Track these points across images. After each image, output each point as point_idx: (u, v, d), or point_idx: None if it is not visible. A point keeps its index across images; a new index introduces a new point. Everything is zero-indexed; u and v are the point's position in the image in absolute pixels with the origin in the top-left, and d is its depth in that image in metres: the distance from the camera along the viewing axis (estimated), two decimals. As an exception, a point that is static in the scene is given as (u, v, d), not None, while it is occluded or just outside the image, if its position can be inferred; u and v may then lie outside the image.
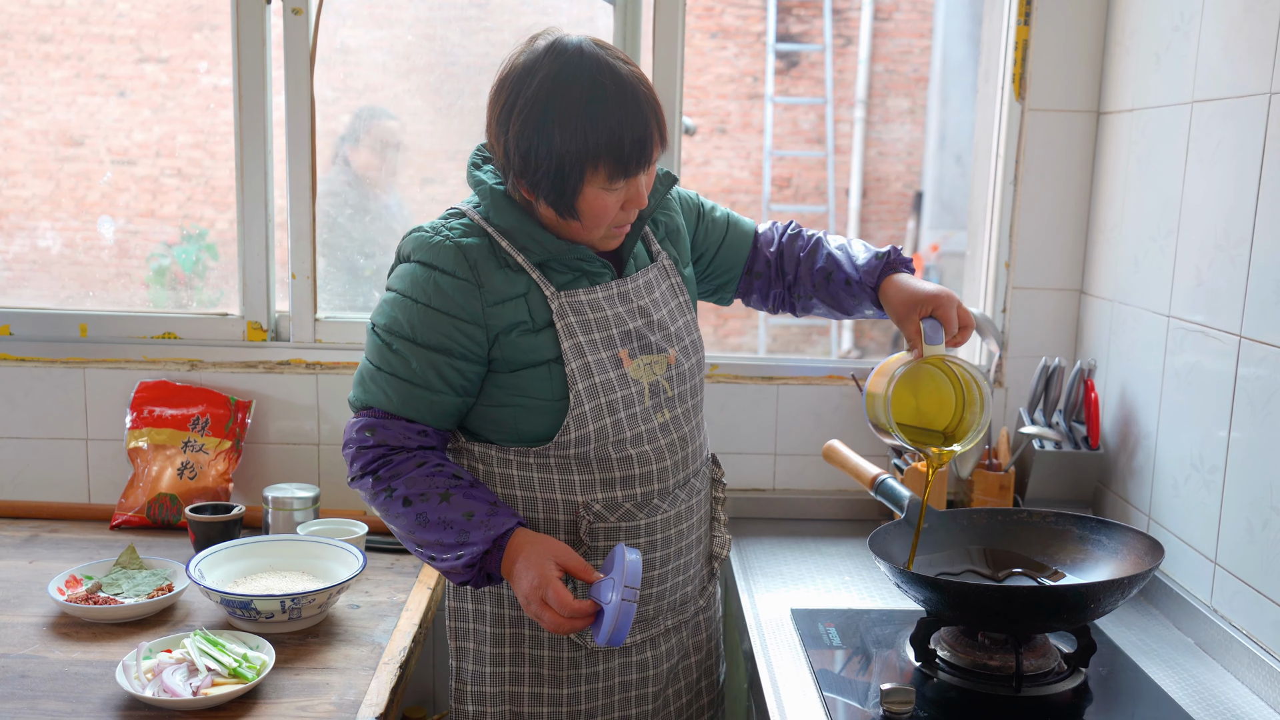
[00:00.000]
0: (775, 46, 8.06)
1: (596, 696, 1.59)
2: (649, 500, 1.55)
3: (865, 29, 8.15)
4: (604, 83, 1.40)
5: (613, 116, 1.39)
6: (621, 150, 1.40)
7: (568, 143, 1.39)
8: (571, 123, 1.38)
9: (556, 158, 1.40)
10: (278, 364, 2.25)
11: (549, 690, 1.57)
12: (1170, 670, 1.62)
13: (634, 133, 1.41)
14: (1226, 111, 1.70)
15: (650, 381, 1.54)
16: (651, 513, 1.55)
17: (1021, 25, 2.15)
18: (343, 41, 2.47)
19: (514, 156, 1.43)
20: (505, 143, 1.43)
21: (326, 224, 2.41)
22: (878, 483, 1.76)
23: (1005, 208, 2.22)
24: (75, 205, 5.40)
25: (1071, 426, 2.09)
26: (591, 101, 1.39)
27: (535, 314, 1.48)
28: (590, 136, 1.39)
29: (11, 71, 5.42)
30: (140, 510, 2.14)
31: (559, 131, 1.39)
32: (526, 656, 1.57)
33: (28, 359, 2.23)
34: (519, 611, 1.56)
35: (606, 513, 1.53)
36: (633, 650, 1.59)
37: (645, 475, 1.54)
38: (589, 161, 1.40)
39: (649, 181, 1.50)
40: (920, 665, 1.58)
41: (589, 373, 1.49)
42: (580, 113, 1.38)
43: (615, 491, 1.53)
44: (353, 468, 1.51)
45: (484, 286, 1.47)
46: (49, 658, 1.60)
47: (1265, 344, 1.58)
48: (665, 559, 1.58)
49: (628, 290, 1.56)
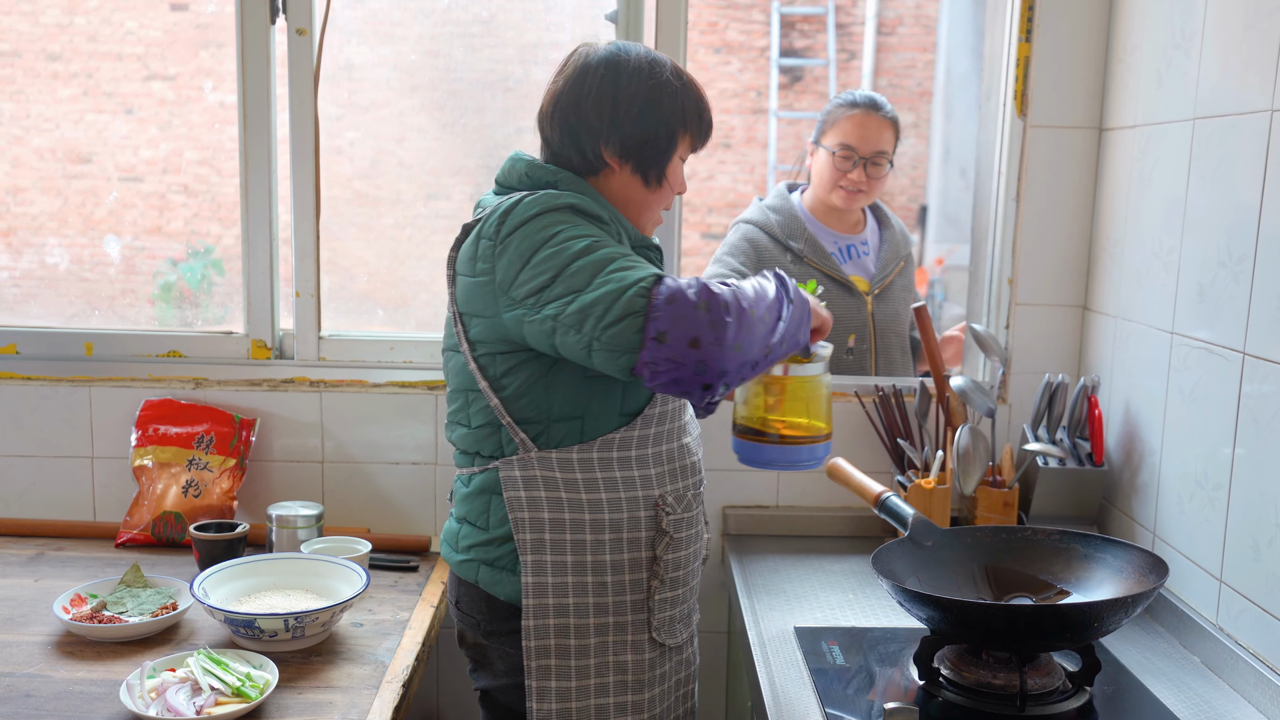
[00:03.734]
0: (779, 61, 8.08)
1: (665, 699, 1.65)
2: (698, 488, 1.67)
3: (869, 43, 8.17)
4: (678, 69, 1.63)
5: (696, 92, 1.64)
6: (702, 120, 1.64)
7: (671, 109, 1.59)
8: (673, 93, 1.59)
9: (662, 121, 1.58)
10: (282, 382, 2.26)
11: (632, 697, 1.60)
12: (1176, 689, 1.62)
13: (708, 110, 1.66)
14: (1228, 128, 1.71)
15: None
16: (696, 501, 1.66)
17: (1023, 42, 2.15)
18: (347, 59, 2.49)
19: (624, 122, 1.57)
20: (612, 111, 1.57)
21: (330, 241, 2.42)
22: (881, 500, 1.76)
23: (1008, 224, 2.22)
24: (82, 222, 5.43)
25: (1075, 443, 2.09)
26: (681, 77, 1.62)
27: None
28: (686, 105, 1.61)
29: (20, 90, 5.45)
30: (145, 528, 2.14)
31: (666, 99, 1.58)
32: (612, 664, 1.58)
33: (34, 377, 2.24)
34: (603, 618, 1.57)
35: (675, 505, 1.62)
36: (684, 647, 1.67)
37: (694, 465, 1.67)
38: (681, 128, 1.61)
39: None
40: (924, 684, 1.57)
41: None
42: (675, 84, 1.60)
43: (680, 481, 1.64)
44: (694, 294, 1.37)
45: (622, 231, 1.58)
46: (53, 676, 1.61)
47: (1269, 361, 1.58)
48: (699, 550, 1.70)
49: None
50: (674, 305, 1.36)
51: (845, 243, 2.48)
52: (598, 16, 2.29)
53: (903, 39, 8.19)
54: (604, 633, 1.57)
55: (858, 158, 2.39)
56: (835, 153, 2.40)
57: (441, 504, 2.27)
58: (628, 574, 1.58)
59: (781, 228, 2.44)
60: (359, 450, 2.25)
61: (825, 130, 2.45)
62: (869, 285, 2.47)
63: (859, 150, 2.39)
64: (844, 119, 2.41)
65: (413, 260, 2.57)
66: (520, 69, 2.47)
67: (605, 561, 1.57)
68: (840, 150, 2.40)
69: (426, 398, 2.24)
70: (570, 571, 1.56)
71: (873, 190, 2.43)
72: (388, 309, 2.52)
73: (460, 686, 2.33)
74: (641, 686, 1.60)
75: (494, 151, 2.52)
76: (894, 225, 2.56)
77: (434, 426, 2.25)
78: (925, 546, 1.69)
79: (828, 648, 1.71)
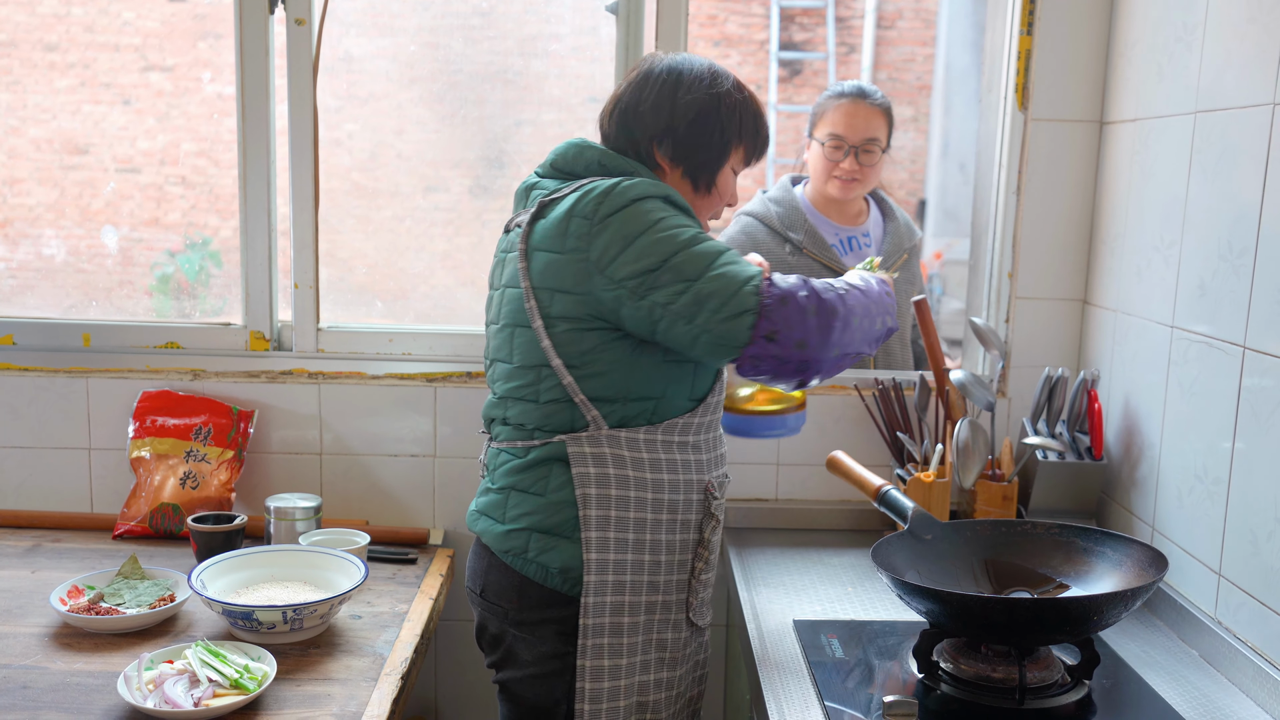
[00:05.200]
0: (779, 55, 8.08)
1: (688, 676, 1.70)
2: (728, 475, 1.74)
3: (868, 37, 8.17)
4: (740, 83, 1.68)
5: (756, 107, 1.69)
6: (758, 136, 1.68)
7: (727, 119, 1.63)
8: (735, 102, 1.64)
9: (718, 128, 1.63)
10: (280, 374, 2.25)
11: (667, 674, 1.65)
12: (1174, 683, 1.62)
13: (766, 126, 1.71)
14: (1230, 122, 1.70)
15: None
16: (726, 489, 1.72)
17: (1024, 35, 2.15)
18: (346, 50, 2.48)
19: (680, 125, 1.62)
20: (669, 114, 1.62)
21: (329, 233, 2.41)
22: (881, 494, 1.76)
23: (1008, 217, 2.21)
24: (80, 213, 5.41)
25: (1075, 437, 2.09)
26: (743, 90, 1.67)
27: None
28: (744, 118, 1.66)
29: (17, 80, 5.44)
30: (142, 520, 2.14)
31: (724, 107, 1.63)
32: (654, 642, 1.62)
33: (31, 369, 2.23)
34: (654, 596, 1.61)
35: (719, 490, 1.68)
36: (707, 631, 1.72)
37: (725, 454, 1.74)
38: (736, 139, 1.65)
39: None
40: (923, 677, 1.57)
41: None
42: (737, 95, 1.65)
43: (720, 468, 1.71)
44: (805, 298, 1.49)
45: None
46: (51, 668, 1.60)
47: (1269, 355, 1.58)
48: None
49: None
50: (786, 307, 1.47)
51: (846, 234, 2.48)
52: (598, 9, 2.29)
53: (902, 33, 8.18)
54: (652, 610, 1.62)
55: (848, 147, 2.39)
56: (826, 144, 2.40)
57: (440, 496, 2.27)
58: (678, 554, 1.63)
59: (781, 219, 2.44)
60: (357, 442, 2.25)
61: (816, 123, 2.46)
62: None
63: (848, 139, 2.38)
64: (832, 110, 2.41)
65: (411, 252, 2.57)
66: (520, 61, 2.46)
67: (661, 541, 1.61)
68: (830, 141, 2.40)
69: (425, 390, 2.24)
70: (630, 549, 1.59)
71: (867, 178, 2.42)
72: (386, 301, 2.51)
73: (458, 679, 2.33)
74: (676, 664, 1.66)
75: (493, 144, 2.51)
76: (898, 218, 2.55)
77: (432, 418, 2.24)
78: (925, 540, 1.69)
79: (827, 641, 1.71)
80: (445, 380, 2.25)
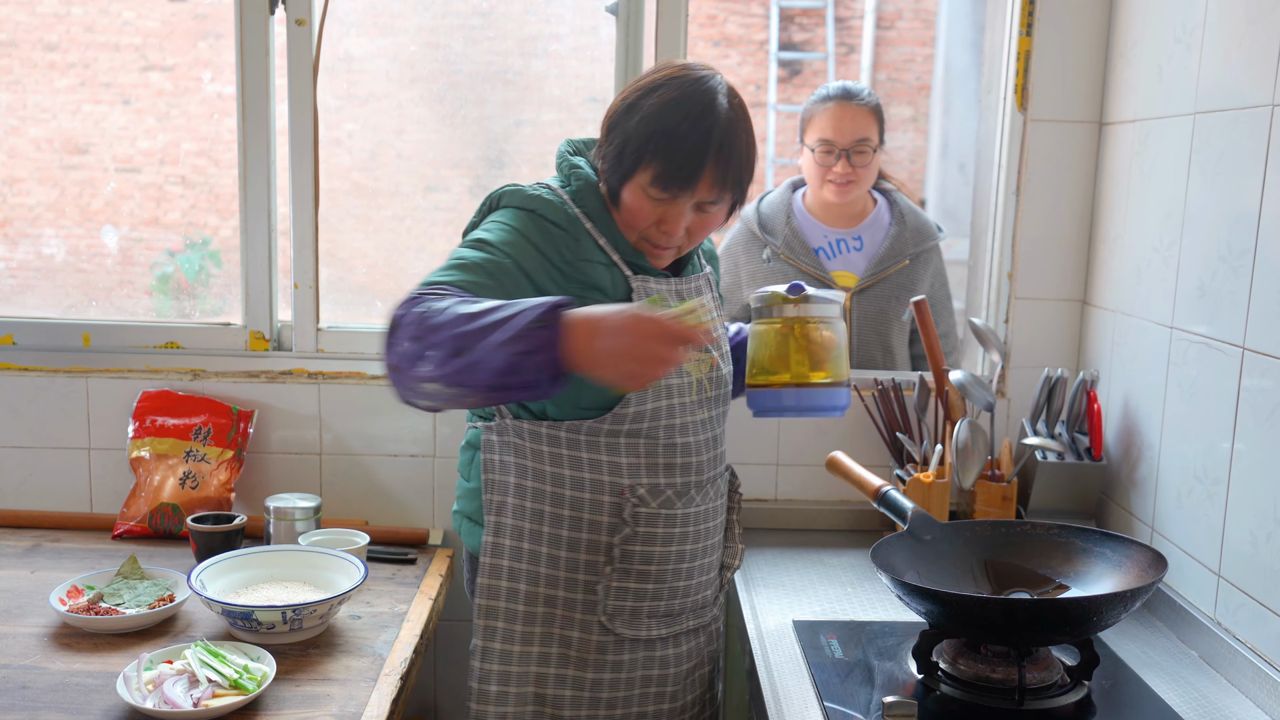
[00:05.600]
0: (778, 55, 8.07)
1: (619, 686, 1.63)
2: (687, 490, 1.62)
3: (868, 37, 8.16)
4: (699, 99, 1.50)
5: (688, 129, 1.49)
6: (671, 160, 1.49)
7: (640, 128, 1.50)
8: (651, 113, 1.50)
9: (627, 139, 1.51)
10: (280, 374, 2.25)
11: (574, 673, 1.61)
12: (1174, 683, 1.62)
13: (689, 151, 1.48)
14: (1229, 123, 1.70)
15: (698, 377, 1.64)
16: (687, 504, 1.62)
17: (1024, 36, 2.15)
18: (346, 50, 2.48)
19: (602, 128, 1.58)
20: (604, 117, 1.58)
21: (329, 233, 2.41)
22: (880, 494, 1.76)
23: (1007, 218, 2.21)
24: (79, 213, 5.41)
25: (1074, 437, 2.09)
26: (684, 108, 1.49)
27: (615, 286, 1.57)
28: (656, 132, 1.49)
29: (17, 80, 5.43)
30: (142, 520, 2.14)
31: (640, 116, 1.50)
32: (556, 637, 1.60)
33: (31, 368, 2.23)
34: (553, 590, 1.59)
35: (649, 498, 1.59)
36: (657, 644, 1.64)
37: (686, 465, 1.62)
38: (645, 156, 1.50)
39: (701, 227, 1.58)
40: (922, 678, 1.57)
41: None
42: (665, 111, 1.49)
43: (659, 477, 1.60)
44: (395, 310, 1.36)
45: (578, 241, 1.55)
46: (50, 668, 1.60)
47: (1268, 356, 1.58)
48: (694, 554, 1.65)
49: (685, 289, 1.67)
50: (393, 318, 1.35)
51: (835, 237, 2.46)
52: (598, 9, 2.29)
53: (902, 33, 8.18)
54: (552, 605, 1.60)
55: (839, 150, 2.37)
56: (816, 149, 2.39)
57: (439, 496, 2.27)
58: (583, 554, 1.59)
59: (760, 224, 2.45)
60: (357, 442, 2.25)
61: (805, 128, 2.44)
62: (855, 281, 2.45)
63: (838, 142, 2.37)
64: (819, 114, 2.39)
65: (411, 252, 2.57)
66: (520, 61, 2.46)
67: (562, 537, 1.59)
68: (820, 146, 2.38)
69: (425, 390, 2.24)
70: (527, 538, 1.59)
71: (862, 179, 2.40)
72: (386, 301, 2.51)
73: (458, 679, 2.33)
74: (586, 665, 1.61)
75: (493, 144, 2.51)
76: (908, 222, 2.49)
77: (432, 419, 2.24)
78: (924, 540, 1.69)
79: (826, 641, 1.71)
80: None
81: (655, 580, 1.62)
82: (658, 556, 1.61)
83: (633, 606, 1.62)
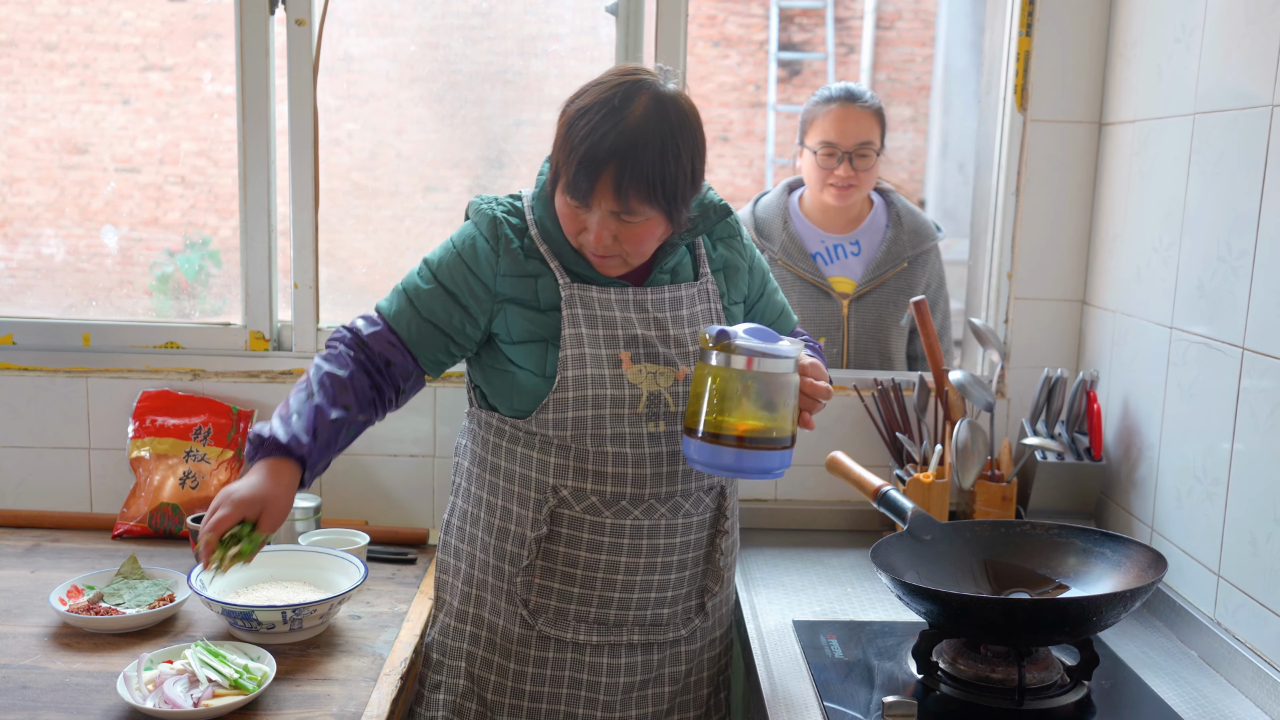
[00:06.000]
0: (778, 55, 8.07)
1: (543, 682, 1.65)
2: (617, 501, 1.59)
3: (867, 37, 8.17)
4: (606, 105, 1.47)
5: (586, 133, 1.46)
6: (569, 168, 1.49)
7: (559, 135, 1.52)
8: (567, 120, 1.51)
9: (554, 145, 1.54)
10: (280, 374, 2.25)
11: (499, 660, 1.67)
12: (1173, 683, 1.62)
13: (583, 159, 1.46)
14: (1228, 123, 1.70)
15: (651, 390, 1.59)
16: (620, 515, 1.60)
17: (1023, 36, 2.15)
18: (346, 50, 2.48)
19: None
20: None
21: (328, 233, 2.41)
22: (880, 494, 1.76)
23: (1007, 218, 2.21)
24: (79, 213, 5.41)
25: (1074, 438, 2.09)
26: (583, 112, 1.48)
27: (543, 296, 1.60)
28: (564, 139, 1.51)
29: (17, 79, 5.43)
30: (142, 520, 2.14)
31: (563, 123, 1.52)
32: (486, 621, 1.67)
33: (31, 368, 2.23)
34: (484, 576, 1.67)
35: (573, 500, 1.60)
36: (588, 650, 1.64)
37: (619, 476, 1.59)
38: (560, 164, 1.52)
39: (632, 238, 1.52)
40: (922, 678, 1.57)
41: (582, 363, 1.58)
42: (574, 117, 1.50)
43: (585, 483, 1.59)
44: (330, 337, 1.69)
45: (501, 257, 1.61)
46: (50, 668, 1.60)
47: (1268, 356, 1.58)
48: (633, 567, 1.61)
49: (645, 299, 1.63)
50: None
51: (833, 242, 2.45)
52: (598, 9, 2.29)
53: (901, 33, 8.18)
54: (483, 589, 1.67)
55: (841, 153, 2.34)
56: (818, 152, 2.36)
57: (439, 496, 2.27)
58: (510, 545, 1.65)
59: (757, 229, 2.43)
60: (357, 442, 2.23)
61: (806, 130, 2.41)
62: (853, 288, 2.44)
63: (841, 145, 2.34)
64: (821, 116, 2.36)
65: (411, 252, 2.57)
66: (520, 61, 2.46)
67: (494, 525, 1.66)
68: (823, 148, 2.35)
69: (424, 390, 2.23)
70: (469, 522, 1.69)
71: (863, 183, 2.38)
72: (386, 301, 2.51)
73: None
74: (510, 656, 1.66)
75: (493, 144, 2.51)
76: (905, 224, 2.46)
77: (432, 418, 2.24)
78: (924, 540, 1.69)
79: (826, 641, 1.71)
80: (445, 380, 2.25)
81: (582, 585, 1.61)
82: (584, 561, 1.60)
83: (557, 606, 1.63)
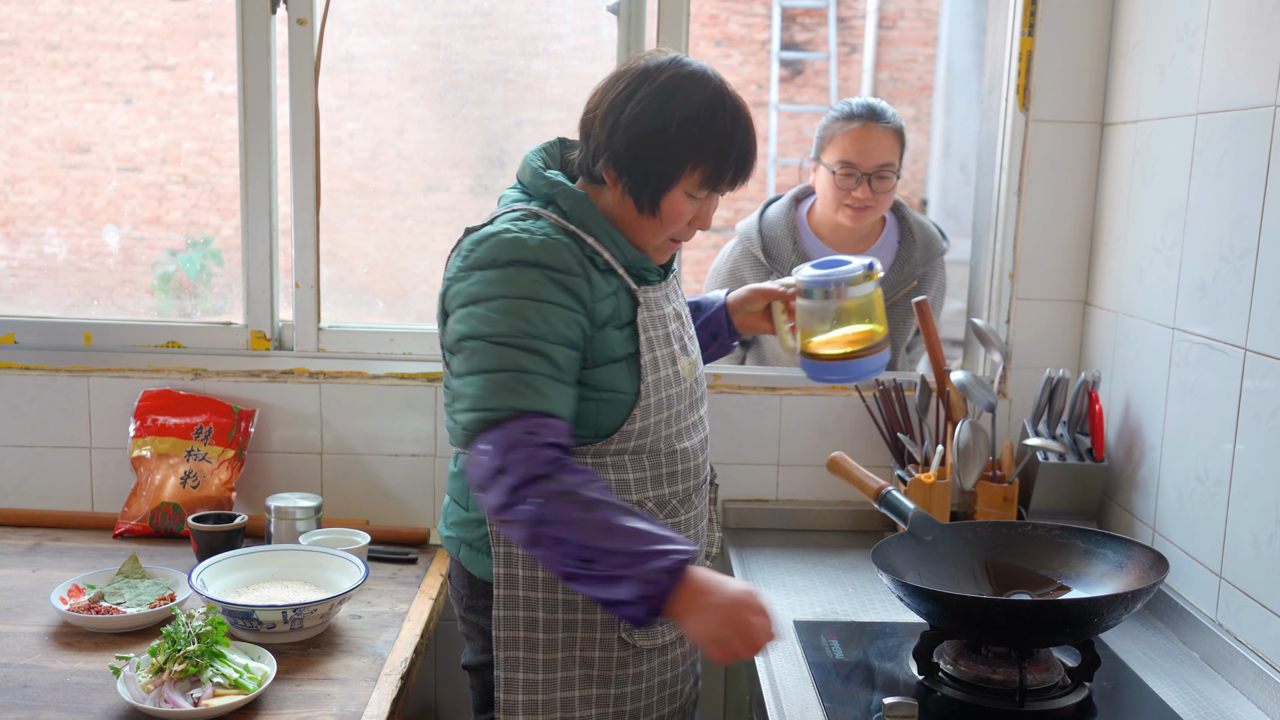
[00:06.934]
0: (780, 54, 8.07)
1: (640, 697, 1.62)
2: (689, 496, 1.62)
3: (870, 37, 8.16)
4: (728, 96, 1.50)
5: (729, 127, 1.48)
6: (726, 160, 1.49)
7: (682, 136, 1.46)
8: (693, 119, 1.46)
9: (665, 148, 1.46)
10: (281, 373, 2.25)
11: (598, 691, 1.59)
12: (1175, 685, 1.62)
13: (741, 150, 1.50)
14: (1231, 123, 1.70)
15: (690, 380, 1.62)
16: (689, 509, 1.62)
17: (1025, 36, 2.15)
18: (347, 50, 2.48)
19: (619, 140, 1.48)
20: (613, 127, 1.48)
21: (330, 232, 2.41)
22: (882, 495, 1.76)
23: (1009, 218, 2.21)
24: (81, 212, 5.41)
25: (1076, 438, 2.09)
26: (715, 108, 1.48)
27: (623, 310, 1.53)
28: (704, 137, 1.47)
29: (19, 79, 5.43)
30: (143, 519, 2.14)
31: (677, 124, 1.46)
32: (578, 659, 1.57)
33: (32, 367, 2.23)
34: (572, 615, 1.56)
35: (657, 510, 1.58)
36: (667, 648, 1.64)
37: (686, 471, 1.61)
38: (691, 161, 1.47)
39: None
40: (923, 678, 1.57)
41: (656, 367, 1.55)
42: (702, 114, 1.47)
43: (664, 488, 1.59)
44: (514, 476, 1.39)
45: (590, 281, 1.49)
46: (51, 667, 1.60)
47: (1270, 357, 1.58)
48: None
49: (670, 293, 1.64)
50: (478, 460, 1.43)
51: None
52: (599, 9, 2.28)
53: (904, 33, 8.18)
54: (572, 629, 1.56)
55: (860, 174, 2.21)
56: (836, 171, 2.23)
57: (440, 496, 2.27)
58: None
59: (766, 250, 2.32)
60: (358, 442, 2.25)
61: (824, 146, 2.28)
62: None
63: (861, 166, 2.21)
64: (842, 134, 2.23)
65: (412, 252, 2.57)
66: (521, 61, 2.46)
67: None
68: (841, 168, 2.22)
69: (426, 389, 2.24)
70: (541, 566, 1.54)
71: (880, 205, 2.27)
72: (387, 300, 2.51)
73: (458, 679, 2.33)
74: (609, 682, 1.58)
75: (494, 143, 2.51)
76: (916, 239, 2.37)
77: (433, 418, 2.24)
78: (925, 541, 1.69)
79: (827, 642, 1.71)
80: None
81: None
82: None
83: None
